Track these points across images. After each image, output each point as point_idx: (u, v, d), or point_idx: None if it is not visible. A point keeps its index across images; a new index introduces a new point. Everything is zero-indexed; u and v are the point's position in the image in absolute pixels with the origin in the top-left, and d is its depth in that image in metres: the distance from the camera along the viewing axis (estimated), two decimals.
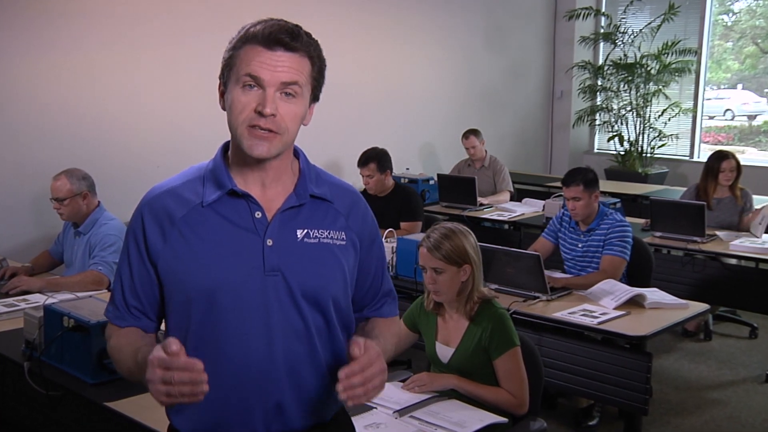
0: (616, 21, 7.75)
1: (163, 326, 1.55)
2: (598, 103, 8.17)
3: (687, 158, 8.09)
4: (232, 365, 1.44)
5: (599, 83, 8.08)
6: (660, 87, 7.67)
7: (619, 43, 7.72)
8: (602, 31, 8.12)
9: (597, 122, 8.20)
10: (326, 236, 1.49)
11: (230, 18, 5.27)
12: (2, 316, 3.01)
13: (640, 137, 7.82)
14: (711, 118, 8.48)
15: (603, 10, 8.29)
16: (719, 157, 4.88)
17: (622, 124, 7.93)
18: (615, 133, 7.99)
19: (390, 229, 4.02)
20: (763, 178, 6.76)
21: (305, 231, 1.48)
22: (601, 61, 8.28)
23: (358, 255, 1.55)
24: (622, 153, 7.96)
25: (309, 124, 1.49)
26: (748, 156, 7.97)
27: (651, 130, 7.79)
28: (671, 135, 7.82)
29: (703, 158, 6.74)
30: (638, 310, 3.29)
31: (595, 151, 8.80)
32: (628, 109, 7.83)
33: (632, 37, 7.67)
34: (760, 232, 4.57)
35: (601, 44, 8.33)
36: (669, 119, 7.77)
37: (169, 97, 5.24)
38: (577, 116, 8.21)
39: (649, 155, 7.84)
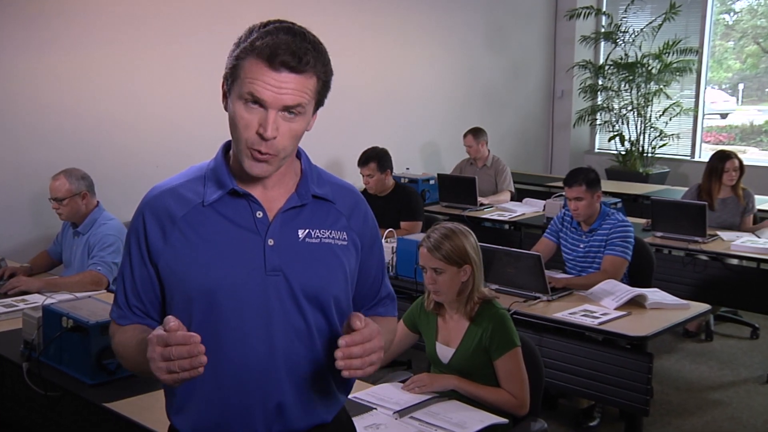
0: (617, 20, 7.74)
1: None
2: (599, 102, 8.16)
3: (688, 158, 8.08)
4: (233, 365, 1.43)
5: (600, 83, 8.06)
6: (661, 86, 7.65)
7: (620, 42, 7.71)
8: (603, 30, 8.11)
9: (598, 122, 8.19)
10: (328, 236, 1.48)
11: (231, 18, 5.28)
12: (1, 317, 3.00)
13: (641, 137, 7.81)
14: None
15: (604, 9, 8.27)
16: (722, 157, 4.85)
17: (622, 123, 7.92)
18: (616, 133, 7.97)
19: (390, 229, 4.01)
20: (764, 178, 6.74)
21: (307, 231, 1.47)
22: (601, 61, 8.27)
23: (360, 255, 1.54)
24: (623, 153, 7.95)
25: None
26: (750, 156, 7.96)
27: (652, 129, 7.78)
28: (672, 135, 7.80)
29: (705, 158, 6.74)
30: (639, 311, 3.28)
31: (596, 150, 8.79)
32: (629, 108, 7.82)
33: (633, 36, 7.65)
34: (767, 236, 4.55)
35: (602, 43, 8.32)
36: (670, 119, 7.75)
37: (168, 97, 5.23)
38: (577, 116, 8.20)
39: (650, 155, 7.83)
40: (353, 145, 5.55)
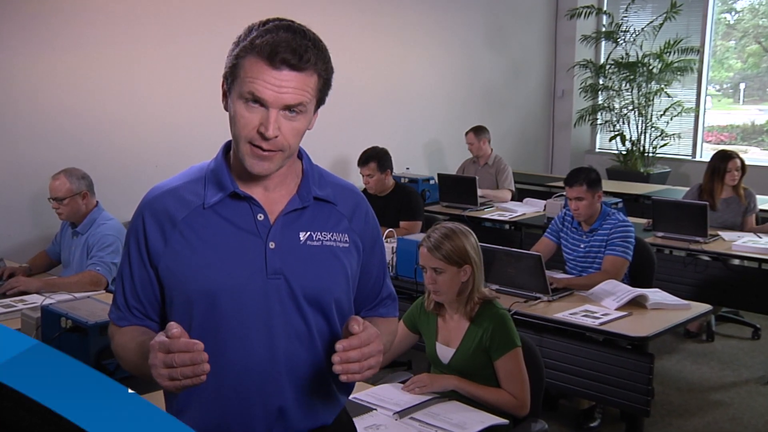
0: (618, 19, 7.73)
1: None
2: (600, 102, 8.14)
3: (689, 158, 8.07)
4: (234, 368, 1.43)
5: (601, 82, 8.05)
6: (662, 86, 7.64)
7: (621, 41, 7.69)
8: (604, 29, 8.10)
9: (598, 121, 8.17)
10: (329, 239, 1.48)
11: (230, 17, 5.27)
12: (0, 317, 2.99)
13: (642, 137, 7.80)
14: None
15: (605, 8, 8.25)
16: (724, 157, 4.84)
17: (623, 123, 7.91)
18: (617, 133, 7.96)
19: (390, 229, 4.00)
20: (766, 177, 6.73)
21: (308, 233, 1.46)
22: (602, 60, 8.25)
23: (361, 257, 1.54)
24: (624, 152, 7.93)
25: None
26: (751, 155, 7.94)
27: (653, 129, 7.77)
28: (673, 134, 7.79)
29: (706, 158, 6.72)
30: (640, 311, 3.27)
31: (597, 150, 8.78)
32: (630, 108, 7.81)
33: (634, 35, 7.64)
34: None
35: (603, 43, 8.31)
36: (671, 118, 7.74)
37: (167, 97, 5.22)
38: (578, 115, 8.18)
39: (651, 155, 7.81)
40: (354, 144, 5.54)
